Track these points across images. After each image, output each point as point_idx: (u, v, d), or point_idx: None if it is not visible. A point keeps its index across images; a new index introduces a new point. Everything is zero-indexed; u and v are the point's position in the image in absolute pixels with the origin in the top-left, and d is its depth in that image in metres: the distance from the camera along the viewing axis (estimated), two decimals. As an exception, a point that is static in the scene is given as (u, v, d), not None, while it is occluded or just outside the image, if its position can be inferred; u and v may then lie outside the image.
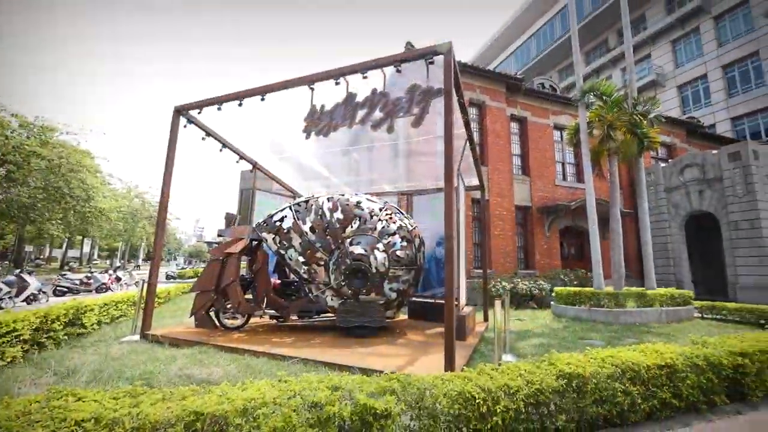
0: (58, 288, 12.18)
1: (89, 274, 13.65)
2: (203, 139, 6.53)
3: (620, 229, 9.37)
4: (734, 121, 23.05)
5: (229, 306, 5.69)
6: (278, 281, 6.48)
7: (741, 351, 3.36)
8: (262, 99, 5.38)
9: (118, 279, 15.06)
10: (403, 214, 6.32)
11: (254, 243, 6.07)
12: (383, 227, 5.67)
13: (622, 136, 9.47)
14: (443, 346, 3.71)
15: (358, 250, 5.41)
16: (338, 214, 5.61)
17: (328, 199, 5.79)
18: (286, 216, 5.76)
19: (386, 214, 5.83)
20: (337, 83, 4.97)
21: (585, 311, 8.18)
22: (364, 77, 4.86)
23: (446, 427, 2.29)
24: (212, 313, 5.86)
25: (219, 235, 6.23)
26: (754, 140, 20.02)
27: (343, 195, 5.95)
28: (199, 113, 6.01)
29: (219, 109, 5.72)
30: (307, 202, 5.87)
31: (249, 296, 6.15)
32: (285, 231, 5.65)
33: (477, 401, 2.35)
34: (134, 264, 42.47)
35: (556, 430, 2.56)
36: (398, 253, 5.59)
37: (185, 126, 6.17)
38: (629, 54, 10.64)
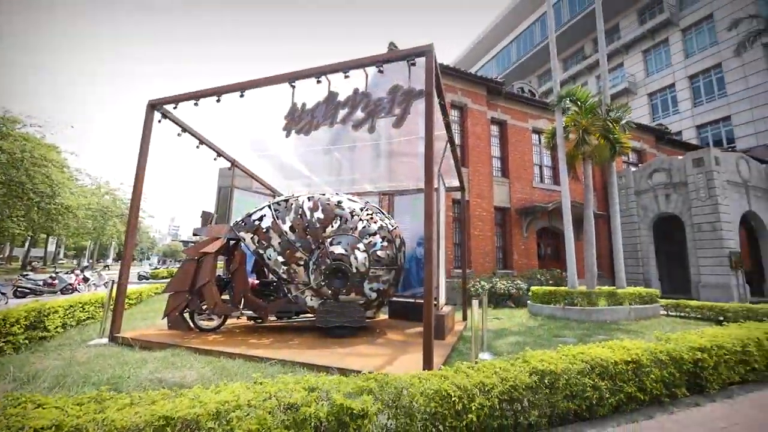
0: (18, 289, 11.52)
1: (54, 275, 12.96)
2: (179, 135, 6.33)
3: (593, 230, 9.73)
4: (699, 128, 24.37)
5: (204, 307, 5.54)
6: (256, 281, 6.36)
7: (700, 346, 3.56)
8: (242, 95, 5.27)
9: (86, 279, 14.38)
10: (384, 214, 6.33)
11: (232, 242, 5.93)
12: (364, 227, 5.67)
13: (596, 140, 9.84)
14: (422, 345, 3.74)
15: (338, 250, 5.39)
16: (319, 214, 5.56)
17: (309, 199, 5.73)
18: (265, 215, 5.66)
19: (367, 214, 5.82)
20: (318, 82, 4.93)
21: (559, 310, 8.44)
22: (346, 77, 4.84)
23: (422, 426, 2.32)
24: (186, 315, 5.69)
25: (194, 234, 6.06)
26: (716, 147, 21.25)
27: (323, 194, 5.91)
28: (174, 108, 5.83)
29: (196, 104, 5.56)
30: (287, 201, 5.79)
31: (226, 297, 6.02)
32: (264, 230, 5.55)
33: (453, 399, 2.39)
34: (103, 264, 40.63)
35: (529, 426, 2.64)
36: (379, 253, 5.60)
37: (159, 121, 5.96)
38: (603, 62, 11.07)
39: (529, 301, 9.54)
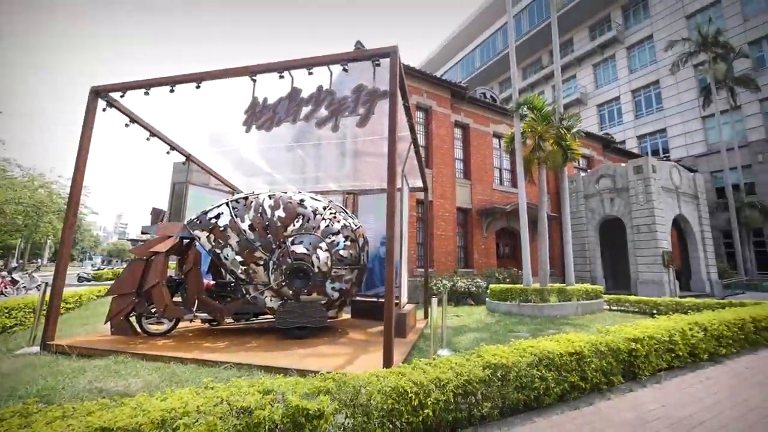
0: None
1: (-25, 277, 11.54)
2: (127, 125, 5.89)
3: (547, 231, 10.33)
4: (639, 138, 26.70)
5: (153, 310, 5.20)
6: (212, 282, 6.08)
7: (634, 337, 3.91)
8: (198, 86, 5.01)
9: (14, 282, 12.96)
10: (347, 213, 6.31)
11: (185, 241, 5.62)
12: (327, 226, 5.61)
13: (550, 146, 10.45)
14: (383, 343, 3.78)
15: (300, 249, 5.29)
16: (280, 212, 5.42)
17: (270, 197, 5.57)
18: (222, 213, 5.42)
19: (330, 213, 5.77)
20: (281, 77, 4.81)
21: (515, 306, 8.88)
22: (310, 73, 4.77)
23: (380, 423, 2.34)
24: (133, 319, 5.32)
25: (143, 233, 5.67)
26: (653, 156, 23.41)
27: (285, 192, 5.77)
28: (122, 96, 5.41)
29: (147, 93, 5.21)
30: (246, 198, 5.59)
31: (178, 299, 5.69)
32: (221, 229, 5.31)
33: (410, 395, 2.43)
34: (36, 265, 36.75)
35: (482, 417, 2.75)
36: (342, 252, 5.57)
37: (104, 110, 5.51)
38: (557, 74, 11.78)
39: (487, 299, 9.93)
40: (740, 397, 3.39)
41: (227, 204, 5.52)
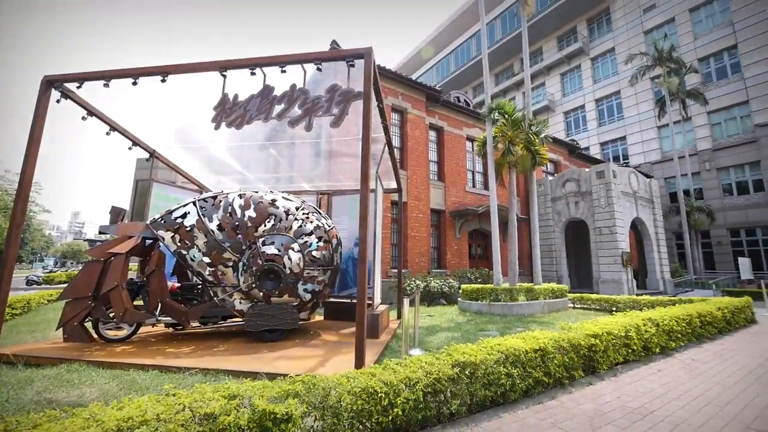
0: None
1: None
2: (84, 118, 5.53)
3: (516, 232, 10.70)
4: (602, 145, 28.22)
5: (112, 315, 4.91)
6: (177, 284, 5.83)
7: (594, 333, 4.13)
8: (163, 80, 4.79)
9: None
10: (321, 213, 6.24)
11: (148, 242, 5.35)
12: (299, 227, 5.53)
13: (520, 151, 10.84)
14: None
15: (271, 250, 5.18)
16: (250, 212, 5.28)
17: (240, 196, 5.41)
18: (189, 212, 5.21)
19: (303, 214, 5.69)
20: (252, 73, 4.69)
21: (486, 306, 9.12)
22: (283, 71, 4.68)
23: (349, 424, 2.34)
24: (89, 325, 5.00)
25: (101, 233, 5.34)
26: (614, 162, 24.81)
27: (256, 192, 5.63)
28: (78, 87, 5.07)
29: (106, 85, 4.91)
30: (215, 197, 5.40)
31: (140, 302, 5.41)
32: (187, 229, 5.10)
33: (379, 395, 2.44)
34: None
35: (451, 414, 2.81)
36: (314, 253, 5.51)
37: (58, 101, 5.15)
38: (527, 81, 12.24)
39: (459, 299, 10.14)
40: (685, 387, 3.66)
41: (194, 203, 5.31)
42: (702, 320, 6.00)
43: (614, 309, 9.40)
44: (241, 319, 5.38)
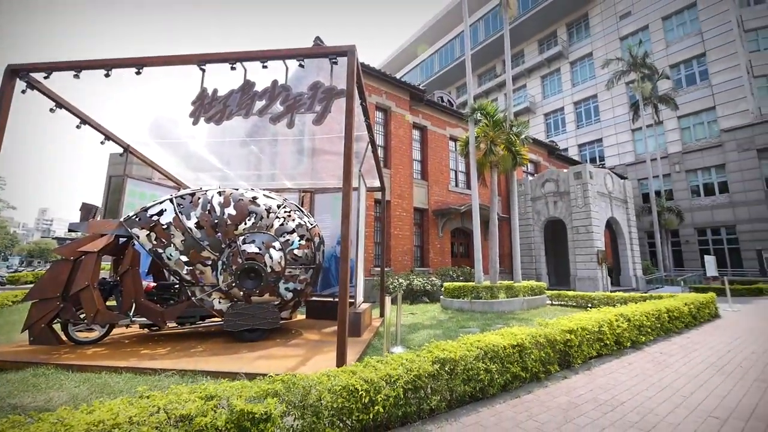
0: None
1: None
2: (52, 110, 5.27)
3: (497, 231, 10.90)
4: (580, 147, 29.09)
5: (82, 316, 4.71)
6: (153, 284, 5.65)
7: (569, 329, 4.27)
8: (138, 72, 4.62)
9: None
10: (303, 212, 6.18)
11: (121, 240, 5.17)
12: (281, 225, 5.46)
13: (501, 151, 11.04)
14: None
15: (251, 248, 5.09)
16: (230, 210, 5.18)
17: (219, 193, 5.30)
18: (165, 210, 5.06)
19: (285, 212, 5.62)
20: (233, 68, 4.59)
21: (467, 303, 9.27)
22: (264, 66, 4.60)
23: (330, 422, 2.34)
24: (58, 327, 4.79)
25: (70, 230, 5.11)
26: (591, 163, 25.63)
27: (237, 189, 5.52)
28: (46, 77, 4.83)
29: (77, 76, 4.70)
30: (193, 195, 5.26)
31: (113, 303, 5.22)
32: (163, 227, 4.95)
33: (360, 393, 2.45)
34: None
35: (431, 410, 2.85)
36: (296, 251, 5.45)
37: (24, 91, 4.89)
38: (509, 83, 12.47)
39: (441, 296, 10.26)
40: (653, 379, 3.84)
41: (171, 200, 5.16)
42: (670, 315, 6.30)
43: (590, 305, 9.73)
44: (220, 319, 5.27)
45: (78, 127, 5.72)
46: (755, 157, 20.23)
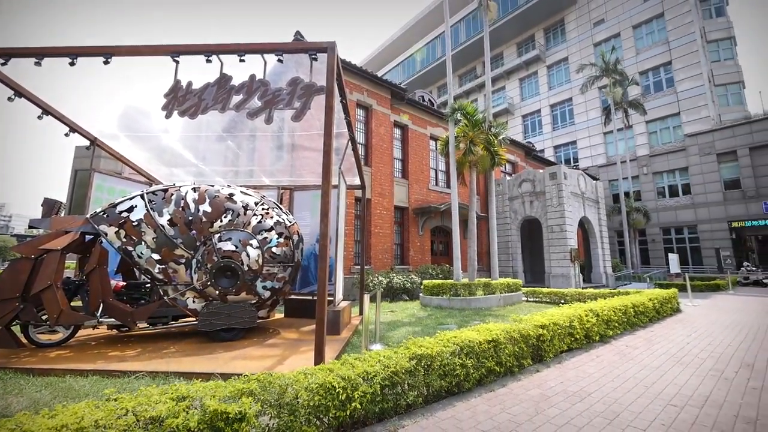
0: None
1: None
2: (11, 99, 4.95)
3: (476, 229, 11.12)
4: (555, 148, 30.01)
5: (45, 317, 4.47)
6: (122, 283, 5.43)
7: (542, 324, 4.42)
8: (107, 62, 4.41)
9: None
10: (281, 209, 6.09)
11: (88, 237, 4.93)
12: (258, 222, 5.36)
13: (480, 151, 11.26)
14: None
15: (227, 246, 4.98)
16: (205, 207, 5.03)
17: (194, 189, 5.14)
18: (135, 206, 4.86)
19: (263, 209, 5.52)
20: (208, 61, 4.46)
21: (446, 300, 9.41)
22: (242, 60, 4.49)
23: (306, 420, 2.33)
24: (16, 328, 4.52)
25: (31, 227, 4.83)
26: (566, 165, 26.53)
27: (212, 185, 5.37)
28: (4, 64, 4.53)
29: (38, 63, 4.44)
30: (165, 191, 5.08)
31: (78, 303, 4.98)
32: (133, 224, 4.76)
33: (337, 390, 2.46)
34: None
35: (407, 406, 2.89)
36: (274, 249, 5.37)
37: (-21, 78, 4.57)
38: (488, 84, 12.71)
39: (421, 294, 10.37)
40: (619, 371, 4.04)
41: (142, 196, 4.96)
42: (636, 310, 6.63)
43: (562, 301, 10.09)
44: (194, 319, 5.13)
45: (39, 117, 5.41)
46: (715, 161, 21.54)
